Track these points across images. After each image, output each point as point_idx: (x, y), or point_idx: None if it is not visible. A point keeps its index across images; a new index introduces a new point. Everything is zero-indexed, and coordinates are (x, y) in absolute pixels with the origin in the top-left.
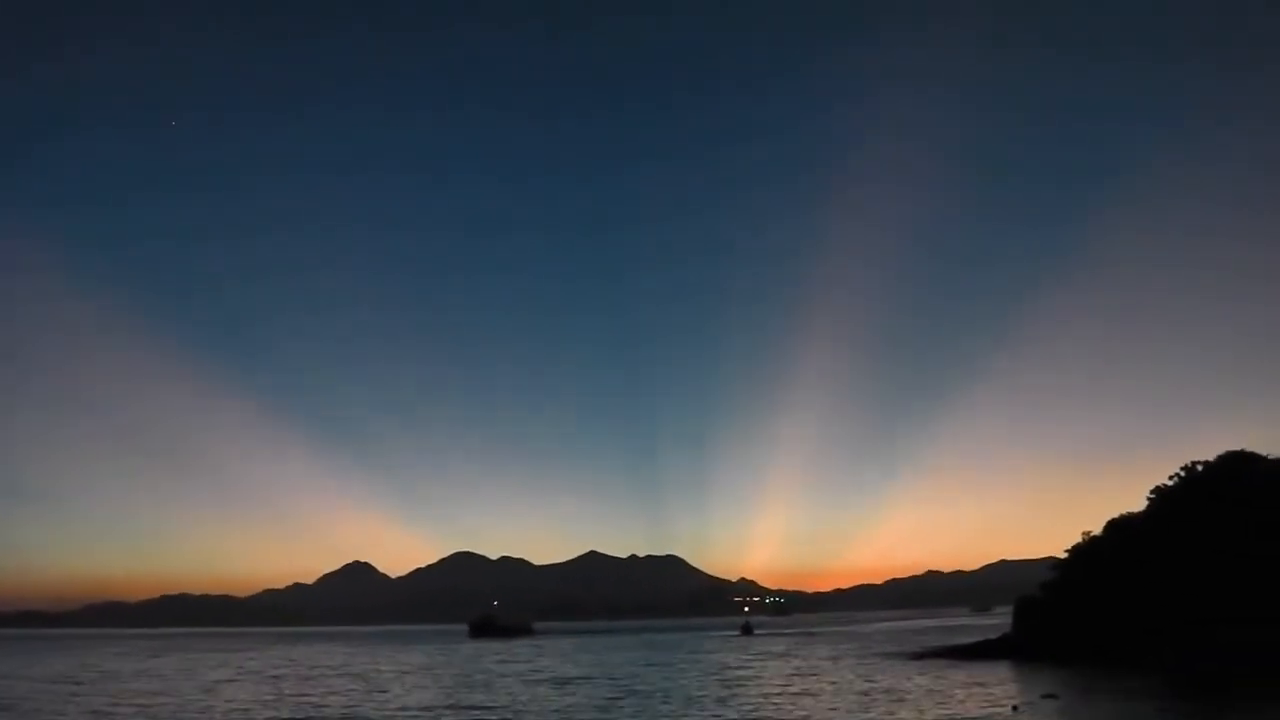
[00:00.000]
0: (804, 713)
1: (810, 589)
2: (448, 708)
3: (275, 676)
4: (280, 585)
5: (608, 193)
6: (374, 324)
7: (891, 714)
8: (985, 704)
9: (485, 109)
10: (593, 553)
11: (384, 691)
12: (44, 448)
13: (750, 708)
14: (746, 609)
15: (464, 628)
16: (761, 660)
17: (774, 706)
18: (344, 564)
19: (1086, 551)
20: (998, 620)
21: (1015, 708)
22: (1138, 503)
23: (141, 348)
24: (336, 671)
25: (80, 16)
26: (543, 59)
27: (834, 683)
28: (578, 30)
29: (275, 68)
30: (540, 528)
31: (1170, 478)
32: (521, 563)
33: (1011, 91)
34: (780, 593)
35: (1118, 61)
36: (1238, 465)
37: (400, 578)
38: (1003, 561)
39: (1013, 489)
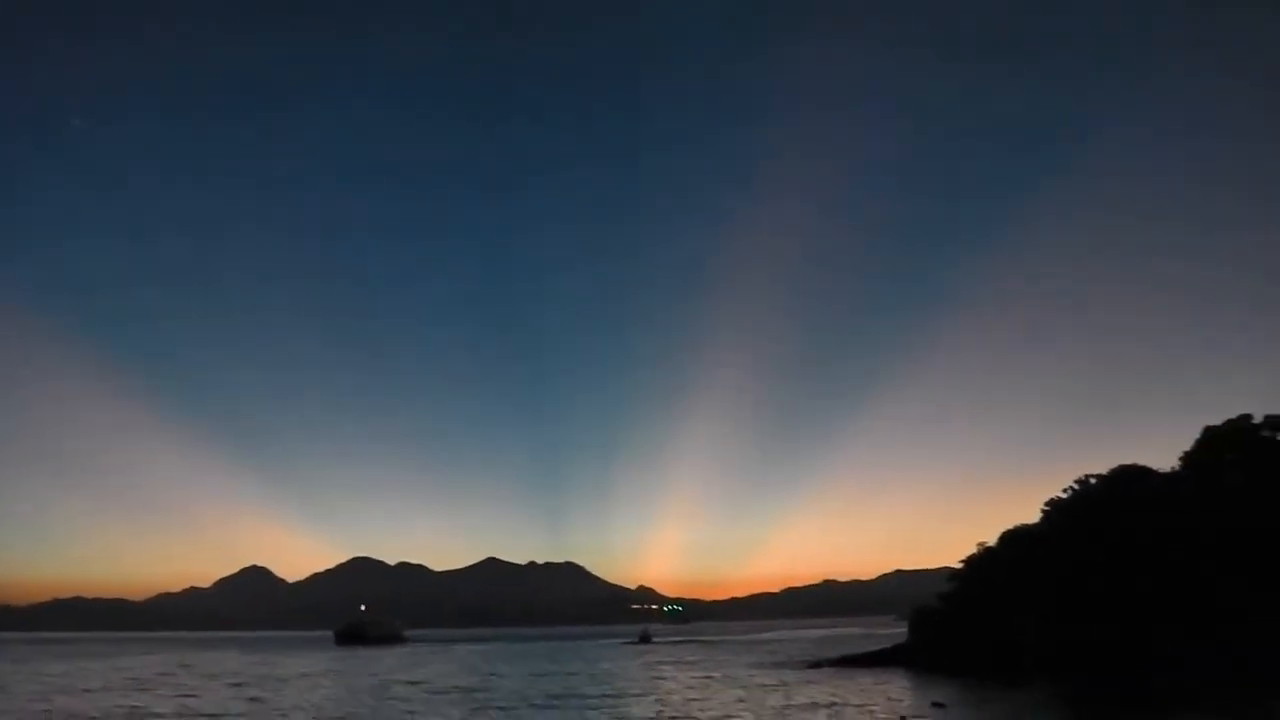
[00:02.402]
0: None
1: (709, 597)
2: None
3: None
4: (176, 589)
5: (515, 200)
6: (275, 329)
7: None
8: (874, 713)
9: (393, 114)
10: (492, 559)
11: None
12: None
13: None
14: (646, 617)
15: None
16: (659, 670)
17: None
18: (241, 568)
19: (981, 562)
20: (893, 631)
21: (904, 718)
22: (1034, 515)
23: (27, 346)
24: (214, 679)
25: None
26: (455, 65)
27: (729, 690)
28: (492, 37)
29: (180, 70)
30: (440, 534)
31: (1064, 490)
32: (420, 569)
33: (920, 112)
34: (679, 601)
35: (1022, 80)
36: (1129, 479)
37: (298, 582)
38: (899, 572)
39: (910, 500)
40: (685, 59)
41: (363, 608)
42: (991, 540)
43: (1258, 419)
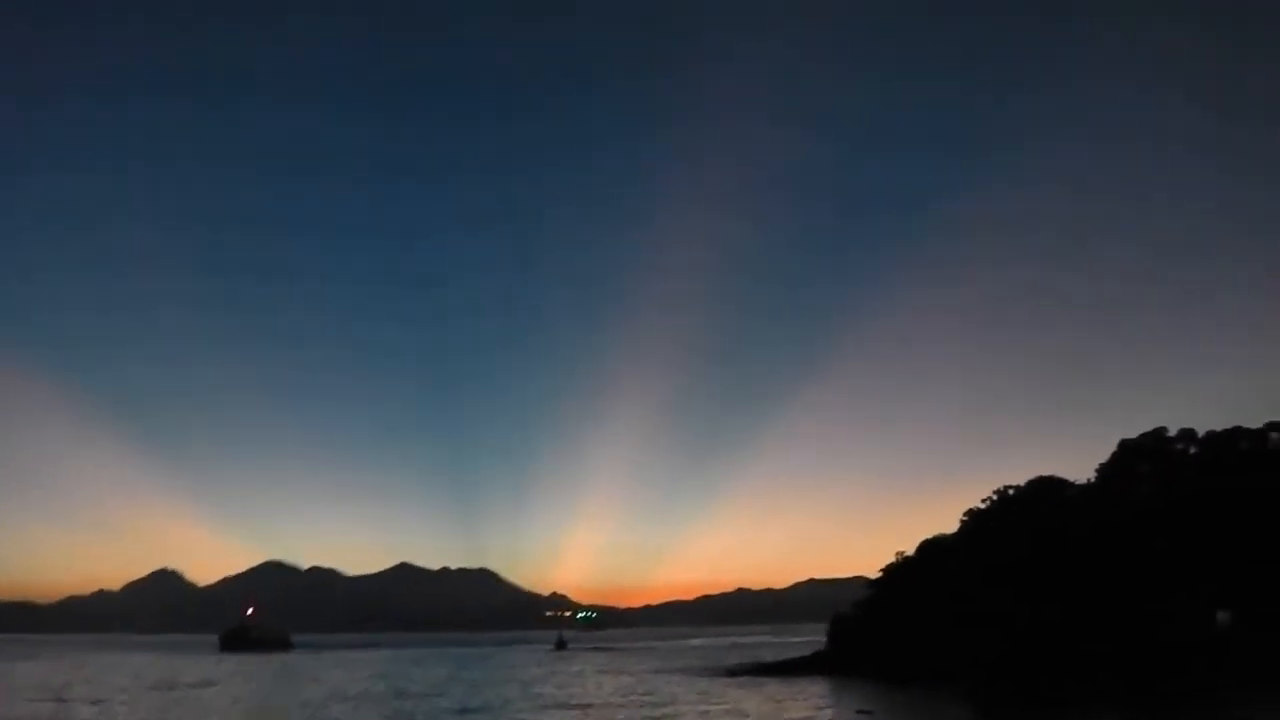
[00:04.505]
0: None
1: (622, 604)
2: None
3: None
4: (85, 592)
5: (425, 201)
6: (187, 327)
7: None
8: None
9: (305, 110)
10: (405, 564)
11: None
12: None
13: None
14: (560, 623)
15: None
16: (578, 677)
17: None
18: (151, 571)
19: (900, 570)
20: (807, 639)
21: None
22: (953, 526)
23: None
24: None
25: None
26: (365, 63)
27: (654, 700)
28: (404, 33)
29: (100, 54)
30: (352, 539)
31: (983, 501)
32: (332, 573)
33: (828, 119)
34: (592, 608)
35: (928, 91)
36: (1045, 489)
37: (209, 586)
38: (812, 580)
39: (822, 509)
40: (595, 66)
41: (249, 611)
42: (910, 550)
43: (1172, 432)
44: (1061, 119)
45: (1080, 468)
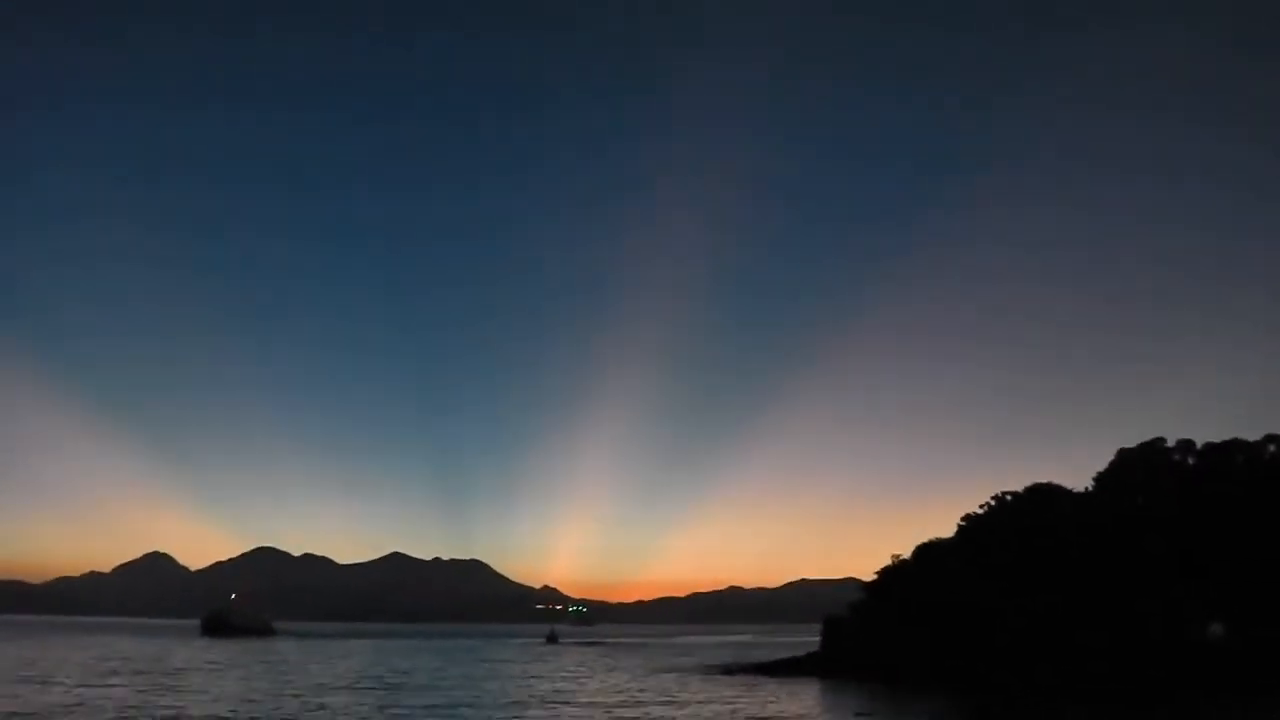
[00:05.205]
0: None
1: (613, 600)
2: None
3: None
4: (76, 574)
5: (421, 205)
6: (179, 317)
7: None
8: None
9: (301, 115)
10: (396, 554)
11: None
12: None
13: None
14: (551, 617)
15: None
16: (571, 673)
17: None
18: (142, 554)
19: (895, 573)
20: (800, 639)
21: None
22: (944, 531)
23: None
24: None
25: None
26: (355, 69)
27: (647, 695)
28: (396, 44)
29: (79, 61)
30: (344, 527)
31: (980, 506)
32: (325, 561)
33: (814, 130)
34: (583, 602)
35: (924, 105)
36: (1043, 497)
37: (200, 570)
38: (803, 581)
39: (814, 511)
40: (587, 74)
41: (233, 596)
42: (906, 553)
43: (1170, 443)
44: (1059, 134)
45: (1077, 477)
